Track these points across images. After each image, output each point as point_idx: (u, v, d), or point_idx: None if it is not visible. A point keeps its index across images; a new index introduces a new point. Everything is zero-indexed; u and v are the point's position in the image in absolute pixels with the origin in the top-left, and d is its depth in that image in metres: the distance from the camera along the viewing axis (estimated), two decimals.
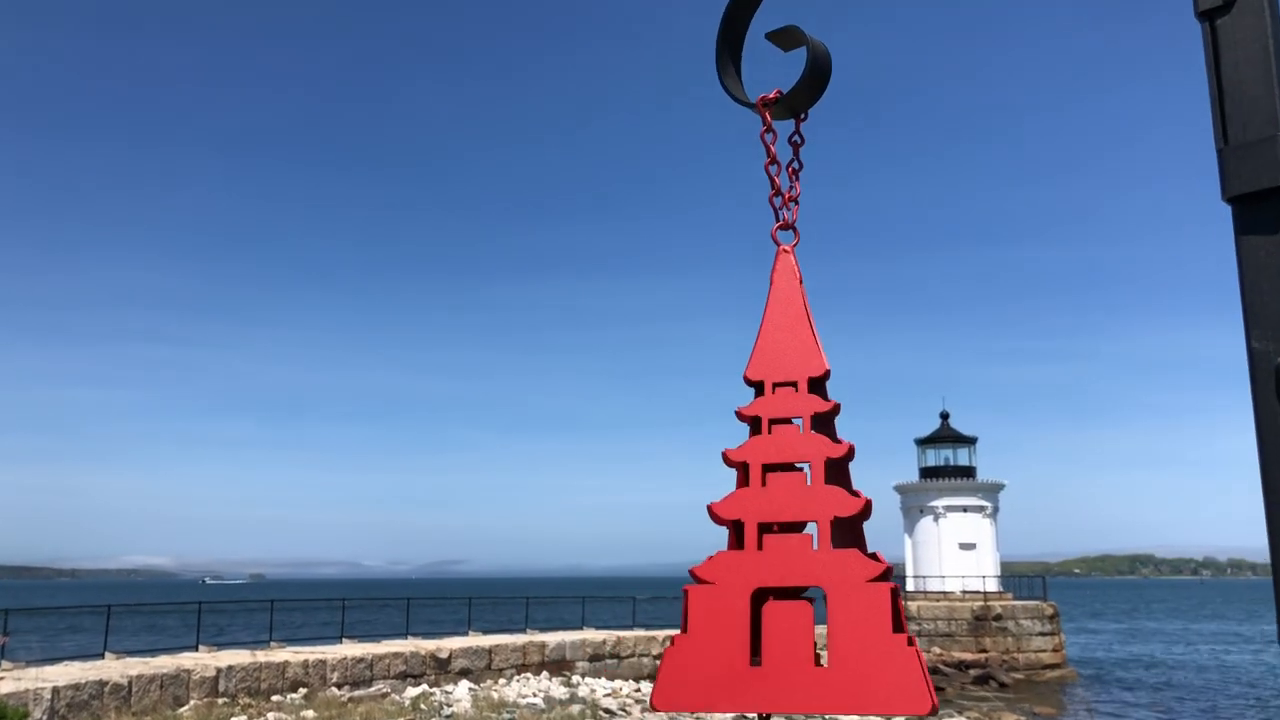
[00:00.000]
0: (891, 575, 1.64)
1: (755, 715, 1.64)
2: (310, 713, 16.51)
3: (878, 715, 1.54)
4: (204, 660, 19.39)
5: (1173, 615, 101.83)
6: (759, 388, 1.82)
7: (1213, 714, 30.21)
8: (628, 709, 20.17)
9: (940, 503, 42.99)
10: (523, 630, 29.96)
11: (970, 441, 45.22)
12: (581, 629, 31.68)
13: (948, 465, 44.56)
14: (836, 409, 1.80)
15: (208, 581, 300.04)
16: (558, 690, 21.99)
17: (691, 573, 1.67)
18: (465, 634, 28.37)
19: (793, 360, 1.82)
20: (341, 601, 28.53)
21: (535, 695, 20.63)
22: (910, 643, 1.57)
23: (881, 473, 47.82)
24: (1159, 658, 50.90)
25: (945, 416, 45.72)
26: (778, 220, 1.92)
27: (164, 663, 18.90)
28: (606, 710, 19.27)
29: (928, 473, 44.54)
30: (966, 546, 42.26)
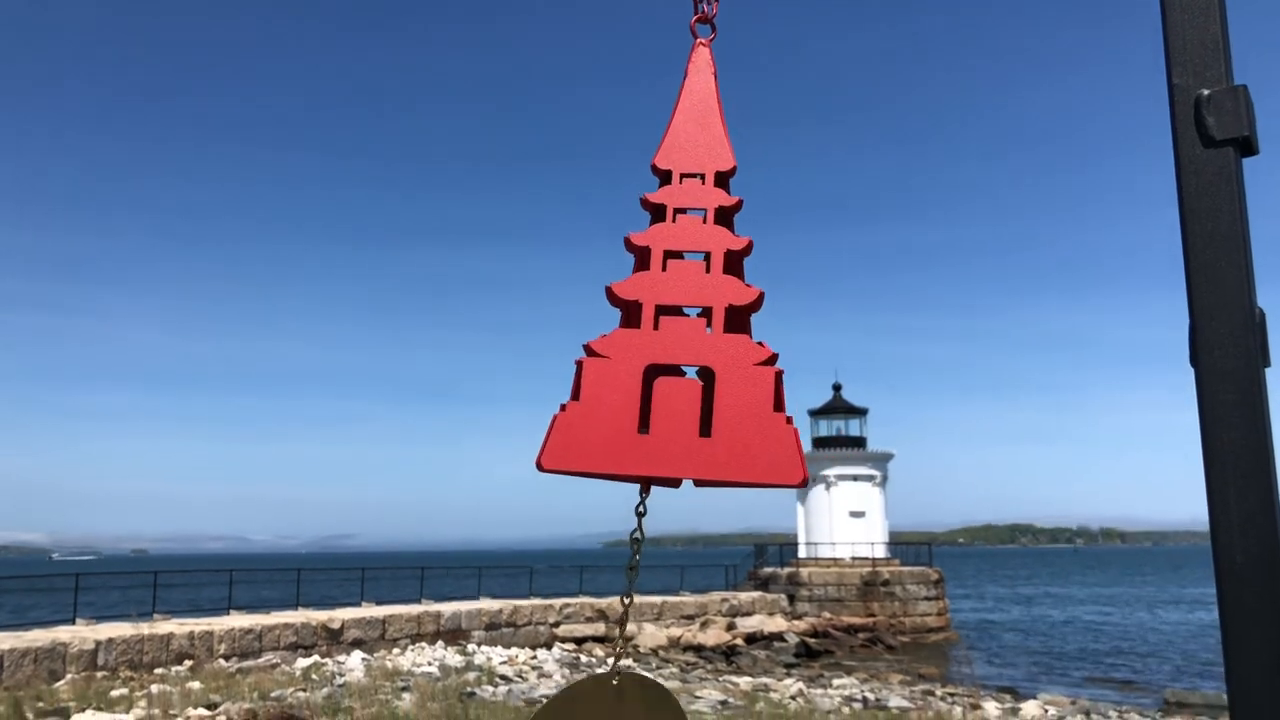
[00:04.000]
0: (776, 361, 1.67)
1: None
2: (196, 684, 16.03)
3: (754, 482, 1.59)
4: (82, 633, 18.67)
5: (1049, 581, 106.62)
6: (665, 176, 1.81)
7: (1087, 665, 31.80)
8: (524, 675, 20.17)
9: (832, 472, 44.03)
10: (417, 601, 29.67)
11: (861, 413, 46.38)
12: (478, 599, 31.54)
13: (840, 435, 45.64)
14: (739, 205, 1.81)
15: (54, 558, 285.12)
16: (453, 659, 21.84)
17: (586, 346, 1.67)
18: (358, 605, 27.95)
19: (701, 153, 1.82)
20: (229, 573, 27.81)
21: (430, 664, 20.46)
22: (789, 422, 1.61)
23: None
24: (1037, 619, 53.27)
25: (838, 388, 46.76)
26: (696, 12, 1.90)
27: (38, 636, 18.12)
28: (503, 676, 19.24)
29: (820, 443, 45.53)
30: (856, 515, 43.41)
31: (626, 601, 1.72)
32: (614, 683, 1.71)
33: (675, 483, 1.68)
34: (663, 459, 1.59)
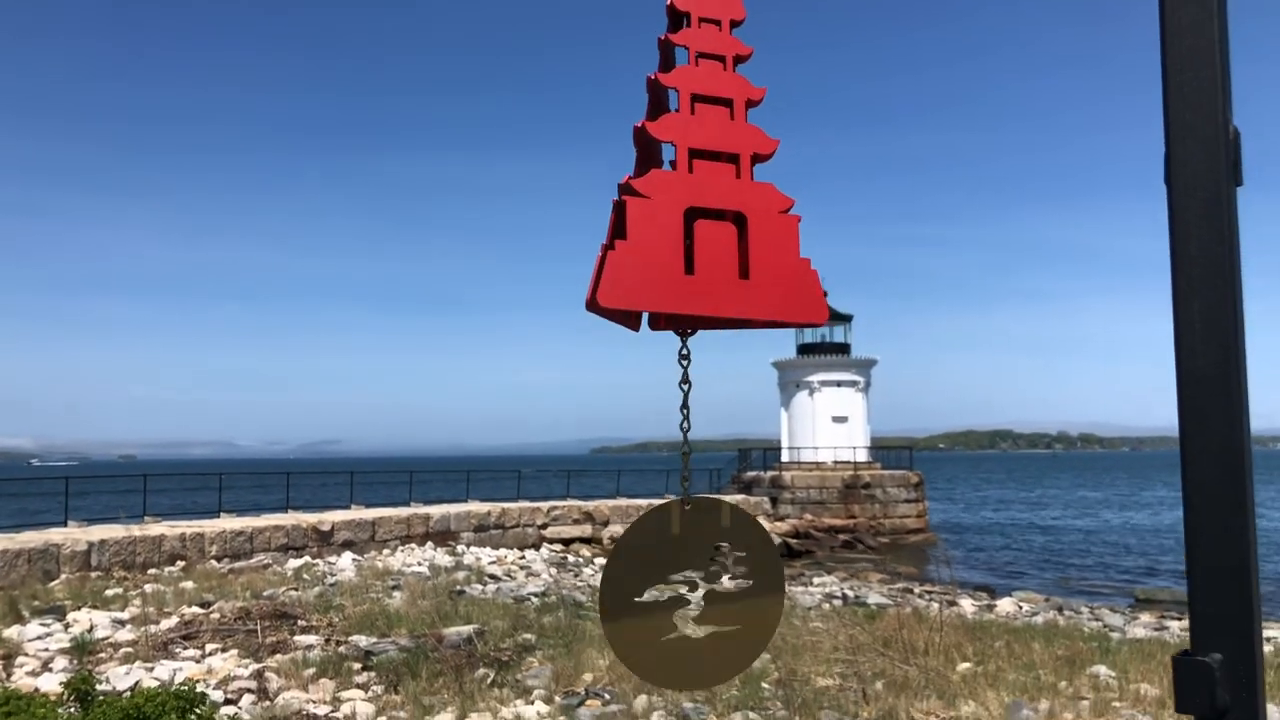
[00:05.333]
0: (793, 207, 1.80)
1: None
2: (189, 584, 16.32)
3: (789, 322, 1.79)
4: (74, 535, 18.88)
5: (1027, 485, 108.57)
6: (685, 18, 1.87)
7: (1061, 564, 32.65)
8: (512, 574, 20.59)
9: (815, 378, 44.37)
10: (406, 504, 30.06)
11: (846, 319, 46.51)
12: (466, 502, 31.96)
13: (824, 342, 45.84)
14: (750, 53, 1.88)
15: (33, 464, 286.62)
16: (443, 559, 22.24)
17: (628, 184, 1.74)
18: (348, 508, 28.30)
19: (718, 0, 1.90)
20: (218, 477, 28.06)
21: (420, 564, 20.83)
22: (810, 267, 1.79)
23: (761, 350, 48.98)
24: (1014, 521, 54.44)
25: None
26: None
27: (31, 537, 18.33)
28: (492, 575, 19.64)
29: (805, 349, 45.77)
30: (839, 420, 43.89)
31: (685, 428, 1.94)
32: (685, 507, 1.92)
33: (688, 329, 1.86)
34: (709, 298, 1.72)
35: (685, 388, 1.89)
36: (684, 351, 1.88)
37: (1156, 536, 43.39)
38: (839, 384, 44.41)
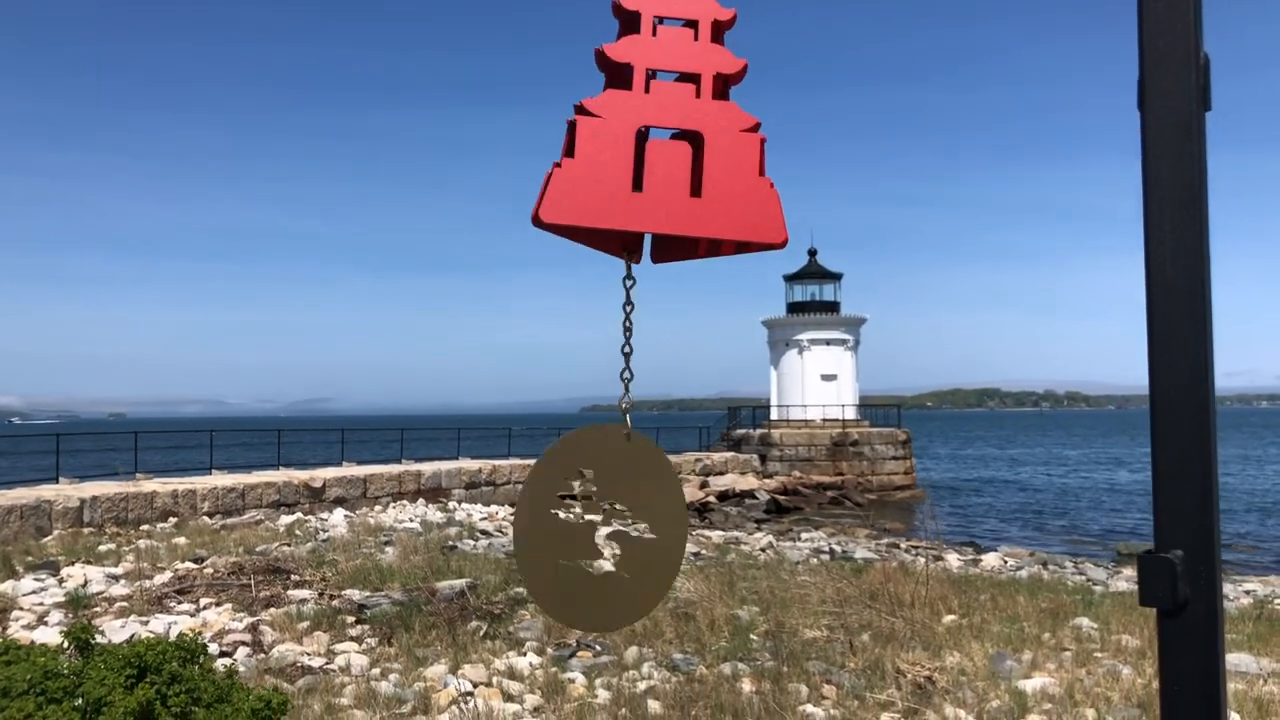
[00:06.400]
0: (760, 128, 1.77)
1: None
2: (182, 539, 16.41)
3: (740, 239, 1.73)
4: (66, 491, 18.92)
5: (1013, 442, 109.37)
6: None
7: (1046, 521, 33.03)
8: (504, 530, 20.73)
9: (805, 336, 44.48)
10: (398, 461, 30.16)
11: (836, 277, 46.53)
12: (457, 459, 32.09)
13: (813, 300, 45.89)
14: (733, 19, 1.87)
15: (14, 422, 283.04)
16: (434, 515, 22.38)
17: (580, 104, 1.74)
18: (339, 465, 28.40)
19: None
20: (209, 434, 28.08)
21: (412, 520, 20.96)
22: (771, 187, 1.74)
23: (751, 309, 49.00)
24: (1000, 478, 54.93)
25: (813, 253, 46.76)
26: None
27: (22, 494, 18.37)
28: (483, 531, 19.78)
29: (794, 308, 45.84)
30: (828, 378, 44.07)
31: (627, 349, 1.90)
32: (625, 434, 1.91)
33: (643, 252, 1.84)
34: (656, 215, 1.70)
35: (628, 308, 1.87)
36: (629, 277, 1.87)
37: (1142, 492, 43.86)
38: (828, 342, 44.54)
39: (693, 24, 1.79)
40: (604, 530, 1.87)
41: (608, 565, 1.86)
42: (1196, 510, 1.34)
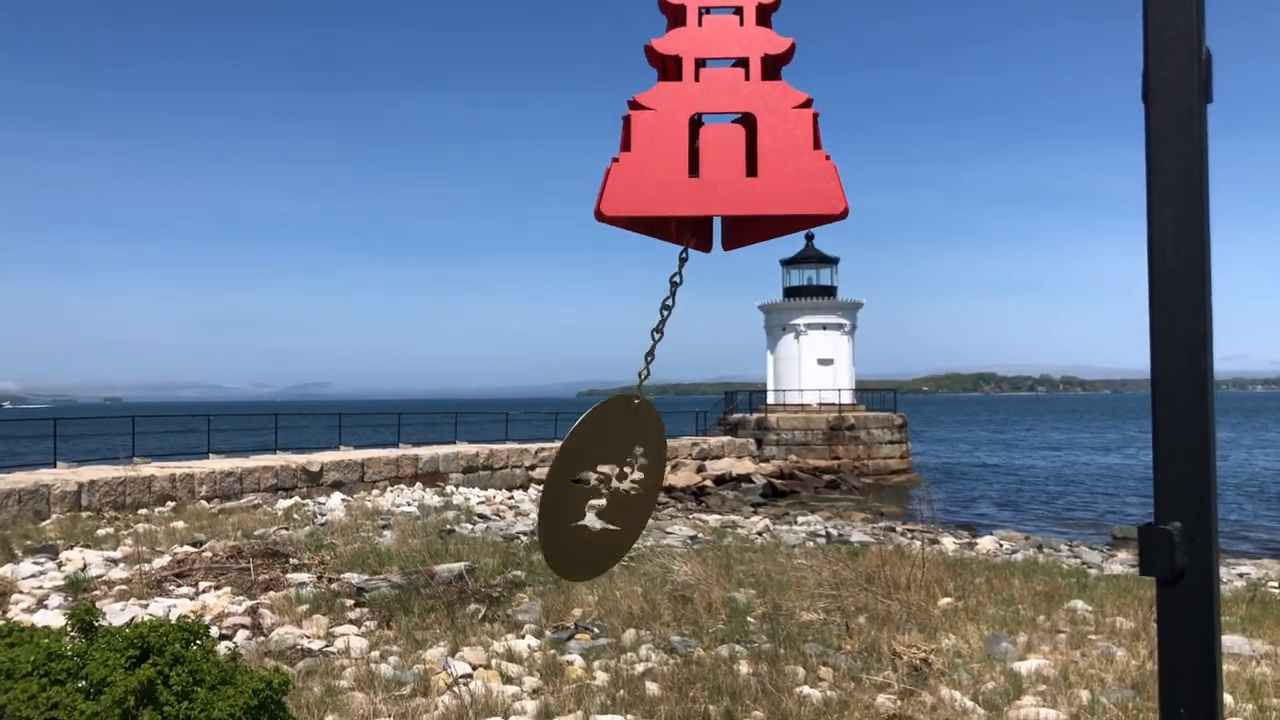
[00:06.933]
0: (812, 104, 1.81)
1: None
2: (181, 523, 16.44)
3: (801, 213, 1.77)
4: (64, 475, 18.94)
5: (1010, 426, 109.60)
6: None
7: (1042, 504, 33.16)
8: (501, 514, 20.79)
9: (802, 320, 44.48)
10: (395, 446, 30.19)
11: (832, 262, 46.49)
12: (455, 443, 32.12)
13: (810, 285, 45.86)
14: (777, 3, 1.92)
15: (6, 406, 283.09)
16: (432, 499, 22.44)
17: (634, 99, 1.79)
18: (337, 449, 28.43)
19: None
20: (206, 419, 28.09)
21: (410, 504, 21.01)
22: (828, 158, 1.78)
23: (748, 294, 48.98)
24: (996, 462, 55.09)
25: (810, 238, 46.66)
26: None
27: (20, 478, 18.38)
28: (481, 515, 19.84)
29: (791, 292, 45.81)
30: (825, 362, 44.10)
31: (657, 336, 2.01)
32: (635, 401, 2.02)
33: (707, 244, 1.95)
34: (715, 198, 1.75)
35: (671, 302, 1.96)
36: (678, 272, 1.95)
37: (1137, 476, 44.00)
38: (825, 327, 44.55)
39: (738, 10, 1.84)
40: (607, 490, 2.02)
41: (606, 523, 2.03)
42: (1194, 485, 1.41)
